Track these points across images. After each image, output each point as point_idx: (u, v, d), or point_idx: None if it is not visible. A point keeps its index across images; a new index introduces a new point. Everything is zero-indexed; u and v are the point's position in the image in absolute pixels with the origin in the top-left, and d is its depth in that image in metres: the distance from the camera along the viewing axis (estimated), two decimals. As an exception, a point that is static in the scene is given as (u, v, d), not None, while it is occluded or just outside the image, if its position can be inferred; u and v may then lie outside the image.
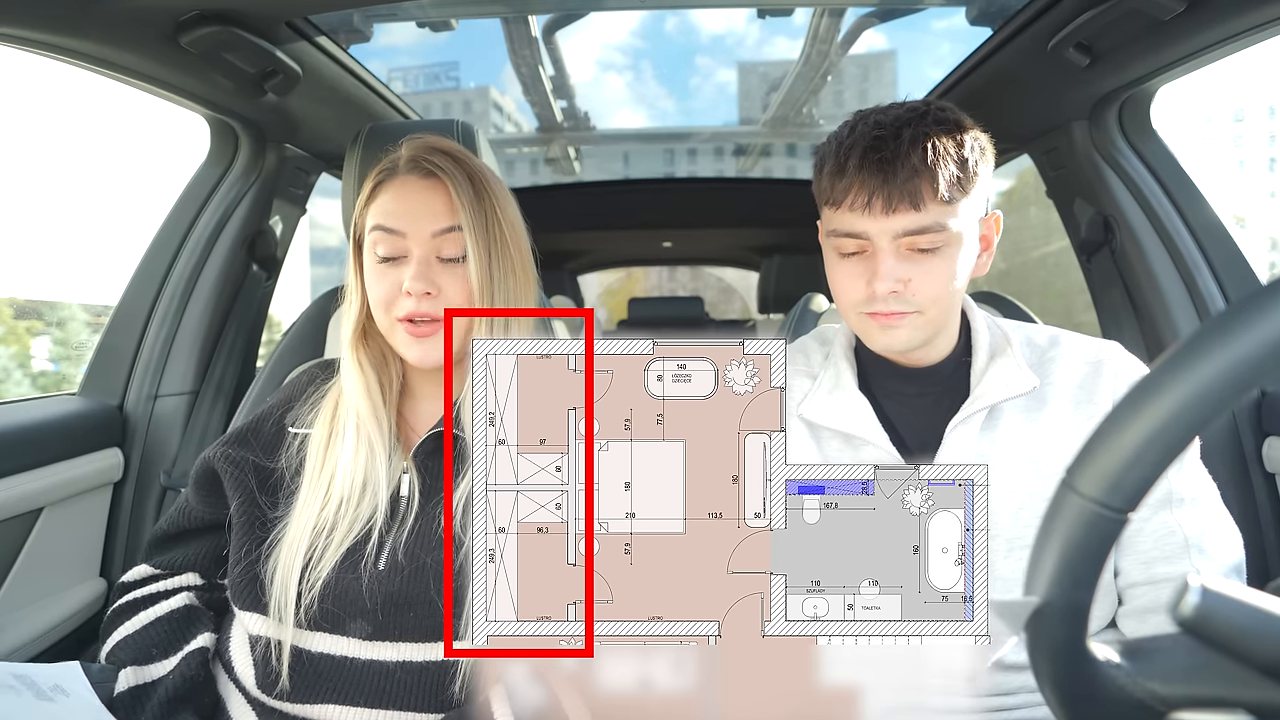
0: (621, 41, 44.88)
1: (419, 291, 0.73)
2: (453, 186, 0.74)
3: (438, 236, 0.74)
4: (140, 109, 1.99)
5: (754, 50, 10.81)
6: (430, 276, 0.73)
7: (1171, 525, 0.70)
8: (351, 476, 0.73)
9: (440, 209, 0.75)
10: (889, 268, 0.70)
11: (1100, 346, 0.77)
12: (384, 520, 0.73)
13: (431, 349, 0.74)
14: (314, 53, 1.22)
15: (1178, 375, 0.31)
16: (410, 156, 0.77)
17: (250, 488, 0.76)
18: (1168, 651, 0.35)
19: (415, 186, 0.76)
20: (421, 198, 0.75)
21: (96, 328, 1.45)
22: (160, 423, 1.34)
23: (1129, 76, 1.19)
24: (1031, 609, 0.33)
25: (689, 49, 34.91)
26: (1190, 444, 0.32)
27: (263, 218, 1.47)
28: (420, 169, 0.76)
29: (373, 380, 0.77)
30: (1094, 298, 1.46)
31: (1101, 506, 0.32)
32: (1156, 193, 1.30)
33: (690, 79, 28.62)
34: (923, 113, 0.70)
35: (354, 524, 0.72)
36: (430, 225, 0.74)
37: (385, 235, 0.75)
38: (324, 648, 0.71)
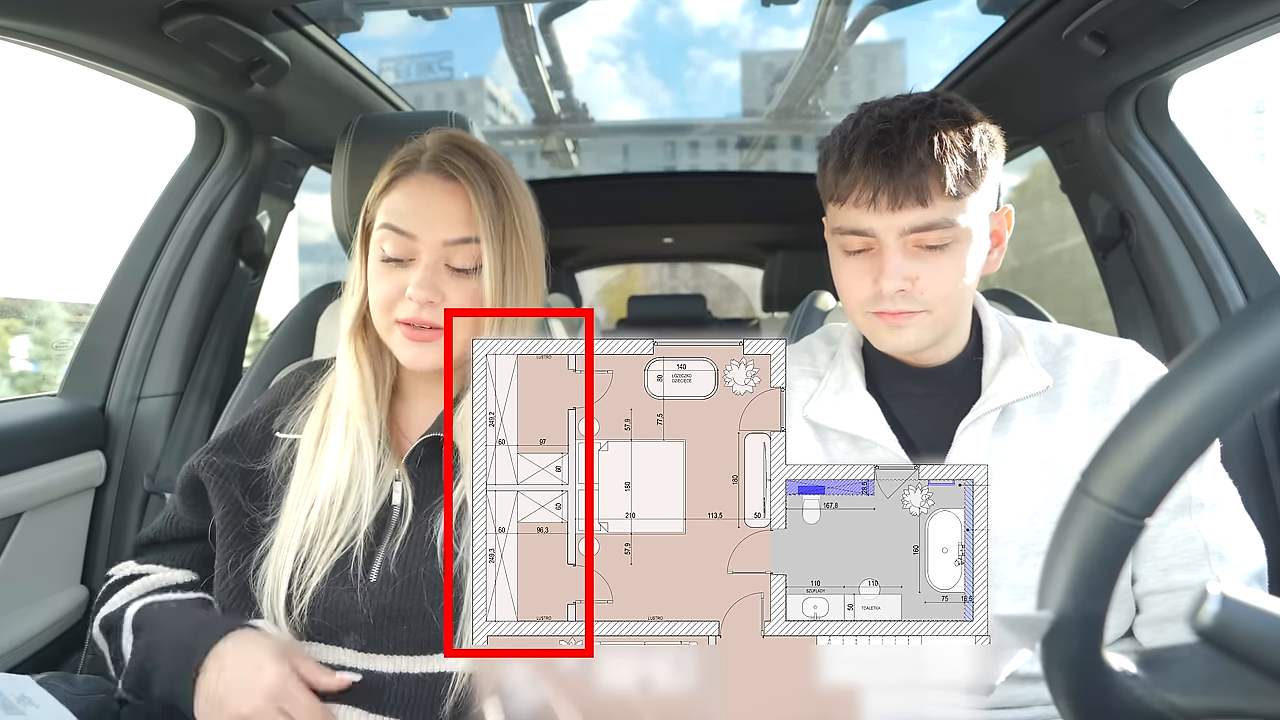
0: (620, 31, 44.95)
1: (422, 299, 0.71)
2: (474, 195, 0.72)
3: (450, 245, 0.73)
4: (123, 100, 1.97)
5: (756, 40, 10.81)
6: (436, 285, 0.72)
7: (1190, 531, 0.70)
8: (337, 477, 0.73)
9: (458, 217, 0.73)
10: (896, 266, 0.70)
11: (1116, 346, 0.77)
12: (372, 527, 0.72)
13: (427, 353, 0.73)
14: (302, 42, 1.22)
15: (1197, 375, 0.31)
16: (433, 155, 0.75)
17: (235, 496, 0.76)
18: (1186, 662, 0.35)
19: (434, 188, 0.74)
20: (439, 201, 0.73)
21: (77, 326, 1.45)
22: (143, 425, 1.34)
23: (1146, 66, 1.19)
24: (1046, 624, 0.33)
25: (688, 39, 34.99)
26: (1210, 447, 0.32)
27: (249, 213, 1.47)
28: (441, 170, 0.74)
29: (368, 375, 0.77)
30: (1110, 295, 1.46)
31: (1118, 511, 0.32)
32: (1174, 187, 1.30)
33: (688, 70, 28.69)
34: (929, 105, 0.70)
35: (340, 528, 0.71)
36: (445, 232, 0.72)
37: (394, 235, 0.73)
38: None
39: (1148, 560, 0.72)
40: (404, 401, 0.82)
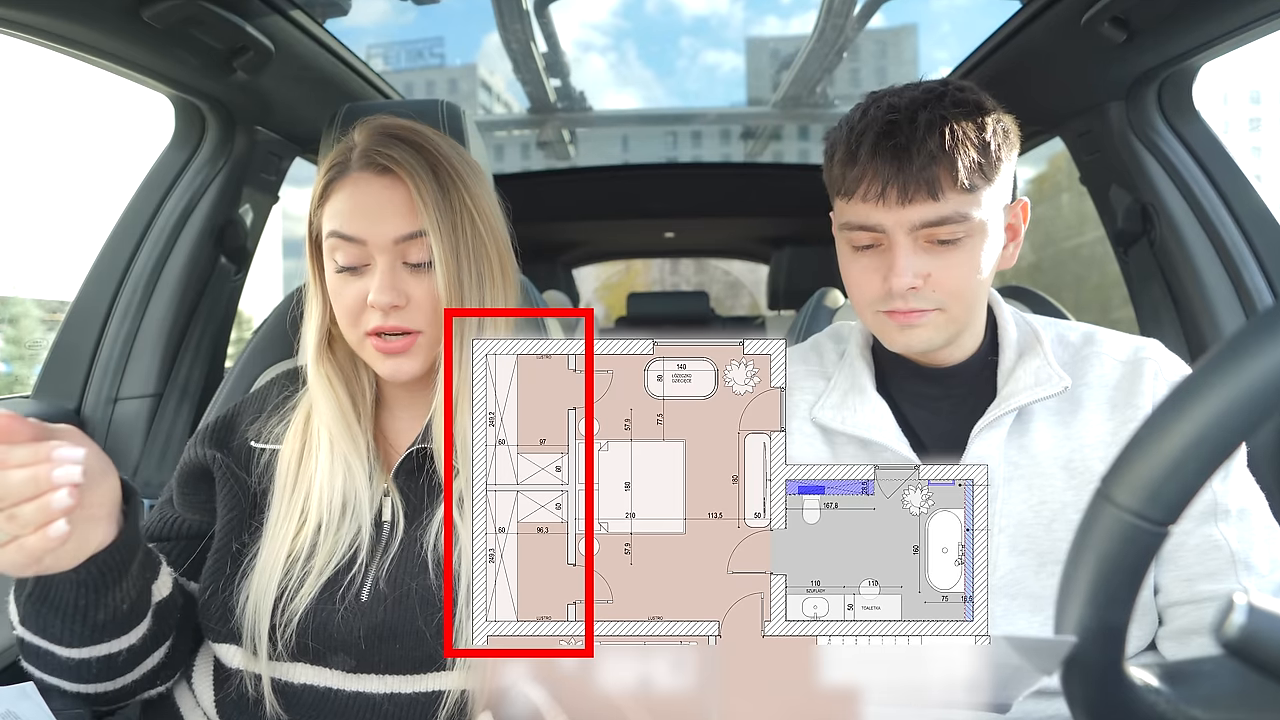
0: (616, 19, 44.94)
1: (385, 304, 0.70)
2: (413, 183, 0.70)
3: (402, 242, 0.71)
4: (101, 88, 1.98)
5: (760, 25, 10.80)
6: (397, 286, 0.70)
7: (1216, 539, 0.70)
8: (329, 498, 0.71)
9: (401, 211, 0.71)
10: (906, 262, 0.70)
11: (1138, 345, 0.77)
12: (369, 546, 0.71)
13: (406, 364, 0.72)
14: (287, 27, 1.22)
15: (1223, 375, 0.31)
16: (363, 150, 0.72)
17: (244, 507, 0.74)
18: (1211, 676, 0.35)
19: (371, 186, 0.71)
20: (379, 199, 0.71)
21: (52, 325, 1.45)
22: (121, 428, 1.34)
23: (1169, 53, 1.19)
24: (1066, 648, 0.33)
25: (688, 25, 35.02)
26: (1236, 451, 0.32)
27: (232, 206, 1.47)
28: (375, 164, 0.71)
29: (344, 396, 0.75)
30: (1131, 292, 1.46)
31: (1140, 518, 0.32)
32: (1199, 179, 1.30)
33: (681, 60, 28.74)
34: (940, 94, 0.70)
35: (335, 551, 0.70)
36: (392, 229, 0.70)
37: (343, 242, 0.71)
38: (306, 679, 0.70)
39: (1171, 570, 0.72)
40: (388, 412, 0.80)
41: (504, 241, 0.77)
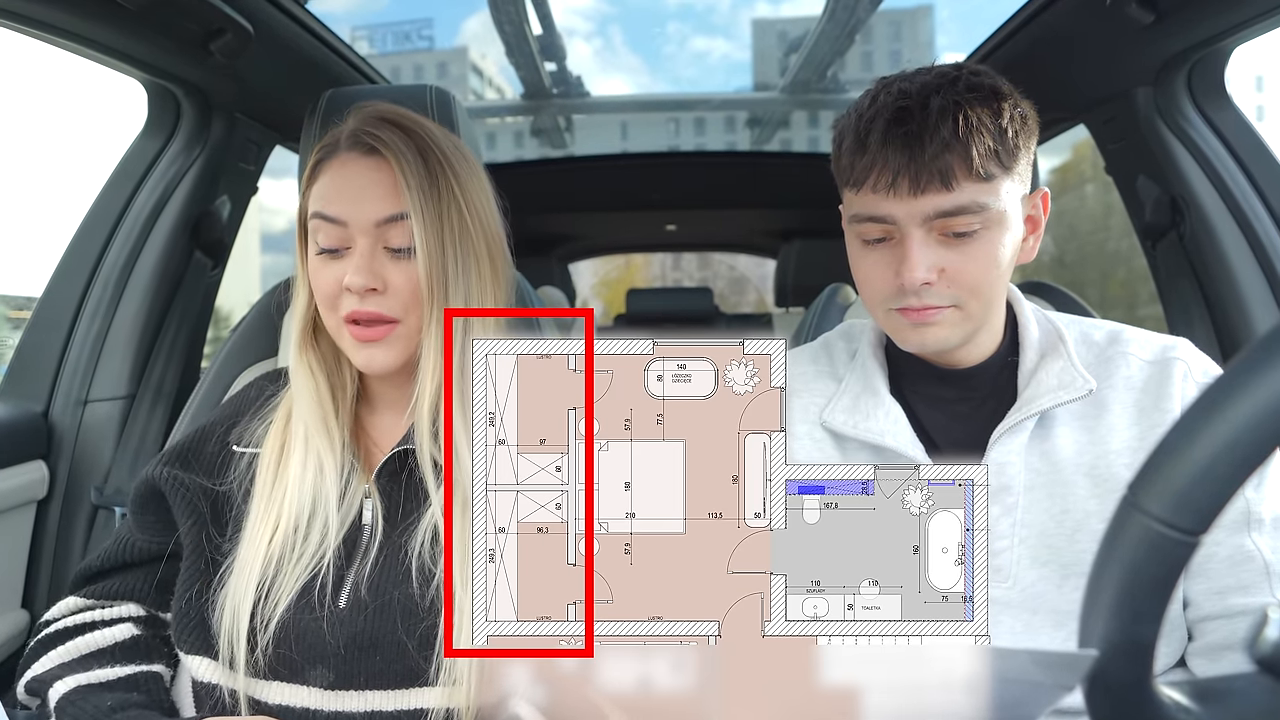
0: (600, 3, 44.80)
1: (361, 288, 0.71)
2: (398, 165, 0.72)
3: (383, 225, 0.72)
4: (70, 73, 1.97)
5: (750, 8, 10.78)
6: (375, 270, 0.72)
7: (1249, 549, 0.70)
8: (300, 499, 0.72)
9: (385, 193, 0.72)
10: (919, 255, 0.69)
11: (1167, 344, 0.77)
12: (339, 550, 0.72)
13: (380, 354, 0.73)
14: (267, 8, 1.22)
15: (1256, 377, 0.31)
16: (352, 130, 0.75)
17: (202, 513, 0.75)
18: (1244, 693, 0.35)
19: (357, 166, 0.74)
20: (364, 180, 0.73)
21: (18, 323, 1.45)
22: (91, 432, 1.34)
23: (1200, 35, 1.19)
24: (1089, 663, 0.33)
25: (673, 10, 34.99)
26: (1270, 457, 0.32)
27: (208, 197, 1.47)
28: (362, 145, 0.74)
29: (324, 387, 0.76)
30: (1159, 289, 1.46)
31: (1168, 527, 0.32)
32: (1232, 169, 1.30)
33: (671, 44, 28.66)
34: (953, 79, 0.70)
35: (305, 554, 0.71)
36: (374, 211, 0.72)
37: (325, 224, 0.73)
38: (282, 698, 0.70)
39: (1201, 582, 0.72)
40: (372, 410, 0.81)
41: (495, 236, 0.78)
